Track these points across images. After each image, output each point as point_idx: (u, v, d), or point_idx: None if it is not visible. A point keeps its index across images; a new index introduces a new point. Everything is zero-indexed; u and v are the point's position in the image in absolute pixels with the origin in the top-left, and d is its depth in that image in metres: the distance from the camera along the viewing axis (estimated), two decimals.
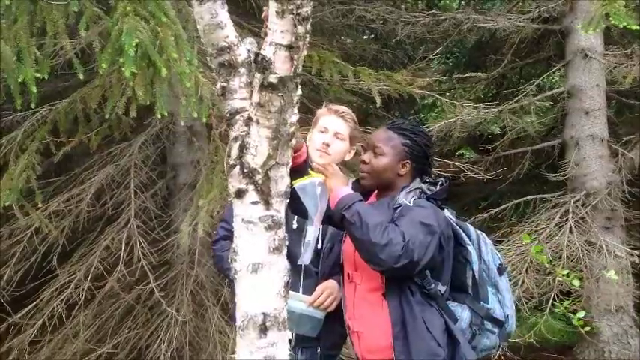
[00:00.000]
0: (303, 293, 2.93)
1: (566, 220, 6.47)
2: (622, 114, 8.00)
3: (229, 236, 2.99)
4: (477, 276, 2.79)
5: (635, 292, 6.40)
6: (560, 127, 7.58)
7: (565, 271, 3.73)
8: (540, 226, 6.57)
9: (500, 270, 2.86)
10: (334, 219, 2.68)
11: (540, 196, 7.18)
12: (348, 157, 3.23)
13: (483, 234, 2.91)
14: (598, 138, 6.87)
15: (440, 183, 2.82)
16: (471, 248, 2.79)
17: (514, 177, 7.42)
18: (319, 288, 2.95)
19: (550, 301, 5.82)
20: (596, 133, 6.88)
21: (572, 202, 6.61)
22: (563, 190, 7.09)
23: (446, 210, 2.81)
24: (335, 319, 2.97)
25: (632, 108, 7.63)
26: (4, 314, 5.66)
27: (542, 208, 6.95)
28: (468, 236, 2.81)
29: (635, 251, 6.37)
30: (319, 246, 2.99)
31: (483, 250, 2.84)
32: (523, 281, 5.94)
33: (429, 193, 2.75)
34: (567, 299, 5.98)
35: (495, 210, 7.20)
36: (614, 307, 6.46)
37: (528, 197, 7.29)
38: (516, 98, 7.31)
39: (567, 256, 6.03)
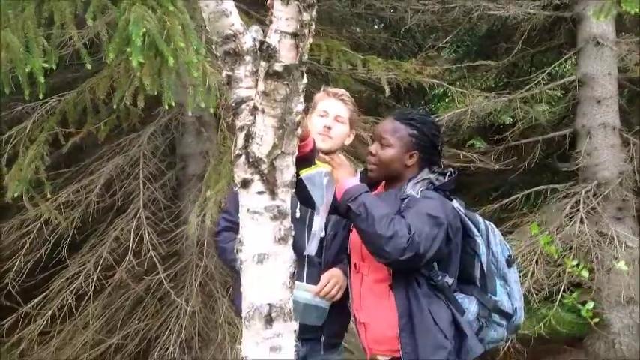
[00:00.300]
0: (306, 282, 2.91)
1: (577, 210, 6.41)
2: (634, 102, 7.91)
3: (231, 227, 2.98)
4: (485, 268, 2.76)
5: None
6: (571, 116, 7.51)
7: (574, 262, 3.69)
8: (551, 217, 6.51)
9: (509, 262, 2.84)
10: (340, 210, 2.66)
11: (551, 186, 7.10)
12: (348, 141, 3.20)
13: (492, 225, 2.88)
14: (610, 127, 6.79)
15: (449, 173, 2.79)
16: (479, 240, 2.76)
17: (525, 167, 7.35)
18: (325, 277, 2.93)
19: (560, 292, 5.78)
20: (608, 122, 6.79)
21: (583, 192, 6.54)
22: (574, 180, 7.03)
23: (454, 201, 2.79)
24: (338, 308, 2.96)
25: None
26: (14, 304, 5.68)
27: (552, 198, 6.88)
28: (477, 227, 2.78)
29: None
30: (322, 234, 2.97)
31: (492, 242, 2.81)
32: (533, 272, 5.90)
33: (437, 183, 2.72)
34: (578, 291, 5.94)
35: (506, 200, 7.13)
36: (624, 299, 6.42)
37: (539, 187, 7.21)
38: (527, 87, 7.23)
39: (578, 247, 5.99)
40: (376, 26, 9.37)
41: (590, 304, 3.47)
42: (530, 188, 7.35)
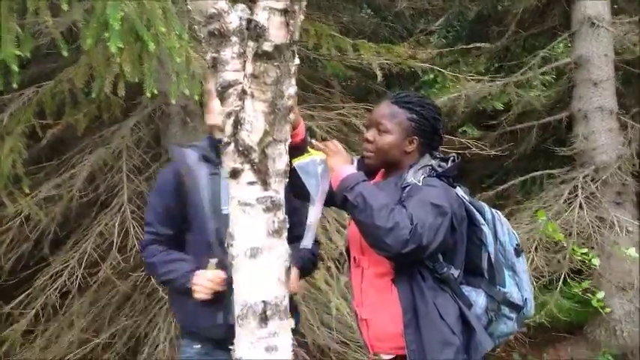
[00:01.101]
0: None
1: (576, 195, 6.27)
2: (630, 84, 7.78)
3: (157, 240, 2.81)
4: (492, 258, 2.61)
5: None
6: (567, 99, 7.36)
7: (584, 250, 3.56)
8: (549, 203, 6.38)
9: (518, 251, 2.68)
10: (336, 200, 2.48)
11: (548, 171, 6.97)
12: None
13: (499, 213, 2.72)
14: (607, 110, 6.65)
15: (451, 159, 2.63)
16: (485, 229, 2.60)
17: (520, 153, 7.22)
18: None
19: (561, 279, 5.66)
20: (605, 105, 6.65)
21: (581, 177, 6.41)
22: (572, 165, 6.89)
23: (458, 188, 2.62)
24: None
25: None
26: None
27: (550, 184, 6.75)
28: (483, 216, 2.62)
29: None
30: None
31: (499, 231, 2.65)
32: (532, 260, 5.76)
33: (439, 170, 2.56)
34: (578, 277, 5.83)
35: (502, 187, 6.99)
36: (627, 285, 6.32)
37: (536, 173, 7.07)
38: (522, 70, 7.08)
39: (578, 233, 5.86)
40: (364, 12, 9.18)
41: (601, 294, 3.34)
42: (525, 174, 7.20)
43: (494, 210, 2.71)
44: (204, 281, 2.64)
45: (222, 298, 2.64)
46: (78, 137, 5.80)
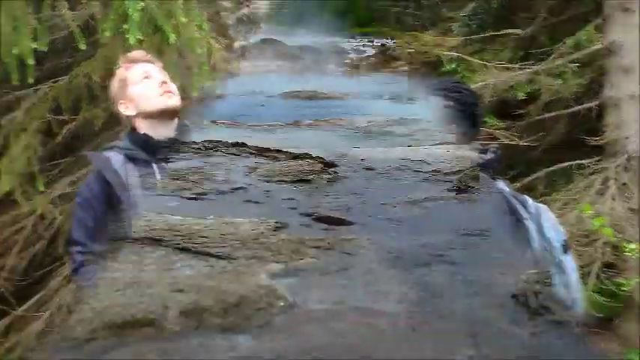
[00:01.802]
0: None
1: (607, 186, 6.04)
2: None
3: (91, 259, 2.47)
4: (537, 256, 2.42)
5: None
6: (596, 87, 7.11)
7: (633, 246, 3.39)
8: (579, 194, 6.15)
9: (566, 247, 2.49)
10: None
11: (577, 162, 6.73)
12: None
13: (545, 206, 2.52)
14: (639, 98, 6.42)
15: (492, 150, 2.45)
16: (529, 224, 2.42)
17: (547, 143, 6.98)
18: None
19: (594, 274, 5.44)
20: (637, 93, 6.42)
21: (613, 167, 6.18)
22: (601, 155, 6.65)
23: (499, 181, 2.45)
24: None
25: None
26: (6, 307, 5.33)
27: (579, 174, 6.51)
28: (526, 210, 2.44)
29: None
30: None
31: (545, 226, 2.45)
32: None
33: (479, 161, 2.38)
34: (610, 271, 5.62)
35: (529, 179, 6.75)
36: None
37: (563, 164, 6.83)
38: (551, 57, 6.84)
39: (612, 226, 5.62)
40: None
41: None
42: (551, 165, 6.96)
43: (538, 204, 2.53)
44: None
45: None
46: (95, 133, 5.66)
